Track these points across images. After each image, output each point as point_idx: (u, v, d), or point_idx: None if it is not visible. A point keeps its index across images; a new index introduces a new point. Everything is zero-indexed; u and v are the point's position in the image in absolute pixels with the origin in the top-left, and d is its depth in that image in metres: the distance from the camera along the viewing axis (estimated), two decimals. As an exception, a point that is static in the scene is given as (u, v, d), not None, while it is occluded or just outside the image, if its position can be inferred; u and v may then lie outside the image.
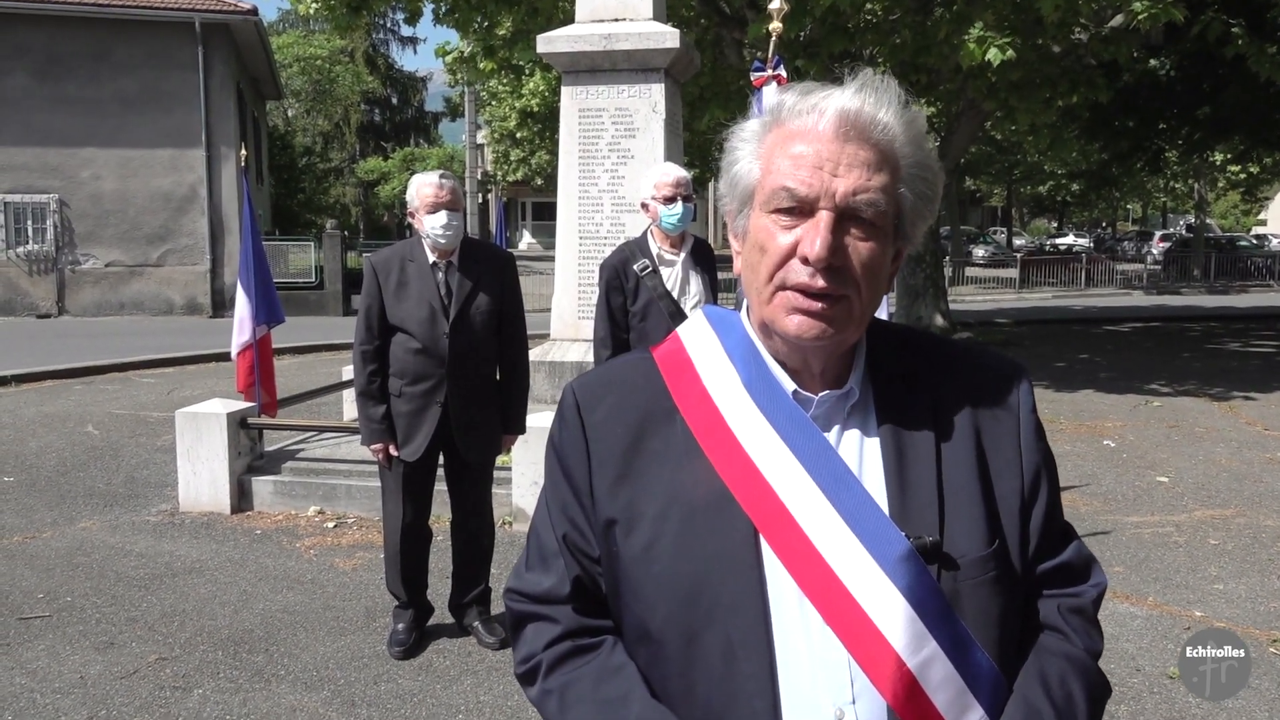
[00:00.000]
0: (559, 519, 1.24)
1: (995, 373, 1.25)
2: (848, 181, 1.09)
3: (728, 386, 1.20)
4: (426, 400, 4.12)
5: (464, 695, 3.88)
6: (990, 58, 9.69)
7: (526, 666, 1.24)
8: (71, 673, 4.06)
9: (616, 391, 1.24)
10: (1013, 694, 1.15)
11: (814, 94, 1.13)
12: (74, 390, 11.40)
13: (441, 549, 4.69)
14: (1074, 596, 1.25)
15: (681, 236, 4.41)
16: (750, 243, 1.16)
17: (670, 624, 1.14)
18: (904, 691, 1.08)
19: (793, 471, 1.14)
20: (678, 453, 1.18)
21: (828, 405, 1.18)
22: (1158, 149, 21.64)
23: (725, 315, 1.28)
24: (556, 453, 1.26)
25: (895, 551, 1.10)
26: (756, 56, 4.68)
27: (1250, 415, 9.80)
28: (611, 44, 7.10)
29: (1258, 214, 59.26)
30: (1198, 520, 6.20)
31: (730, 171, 1.19)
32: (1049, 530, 1.23)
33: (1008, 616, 1.16)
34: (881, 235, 1.12)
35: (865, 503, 1.13)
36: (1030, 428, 1.23)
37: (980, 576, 1.13)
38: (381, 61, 50.12)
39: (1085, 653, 1.22)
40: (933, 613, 1.10)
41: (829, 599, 1.10)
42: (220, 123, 20.98)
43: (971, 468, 1.18)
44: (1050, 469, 1.25)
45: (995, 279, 30.41)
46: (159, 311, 20.96)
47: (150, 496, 6.78)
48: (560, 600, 1.24)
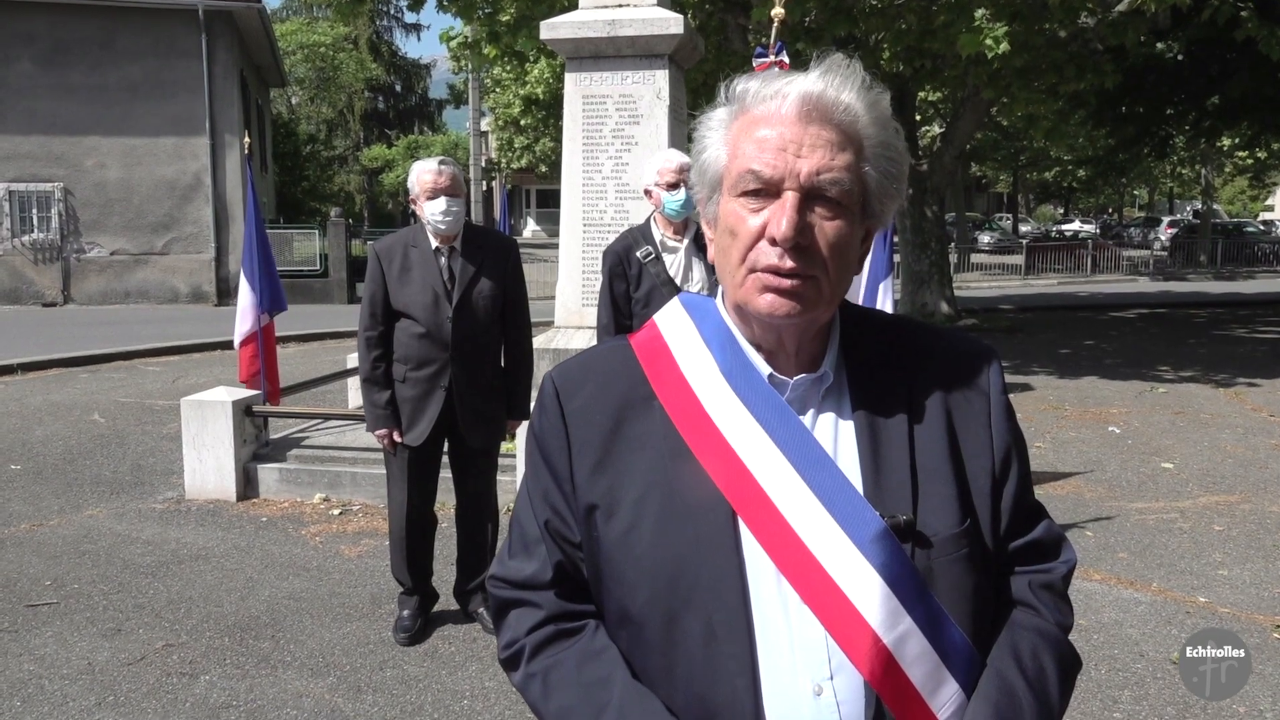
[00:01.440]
0: (540, 506, 1.26)
1: (966, 355, 1.27)
2: (811, 162, 1.11)
3: (705, 372, 1.22)
4: (431, 385, 4.13)
5: (469, 681, 3.89)
6: (988, 48, 9.63)
7: (510, 652, 1.27)
8: (79, 659, 4.09)
9: (595, 379, 1.26)
10: (986, 667, 1.18)
11: (777, 79, 1.15)
12: (80, 378, 11.43)
13: (446, 536, 4.70)
14: (1045, 573, 1.28)
15: (685, 223, 4.40)
16: (721, 228, 1.19)
17: (651, 606, 1.16)
18: (880, 667, 1.11)
19: (769, 454, 1.16)
20: (656, 439, 1.20)
21: (803, 389, 1.20)
22: (1165, 135, 21.50)
23: (701, 302, 1.30)
24: (536, 440, 1.27)
25: (870, 531, 1.13)
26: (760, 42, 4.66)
27: (1256, 401, 9.78)
28: (615, 30, 7.07)
29: (1265, 200, 58.99)
30: (1202, 506, 6.20)
31: (699, 159, 1.21)
32: (1019, 508, 1.26)
33: (980, 593, 1.19)
34: (848, 214, 1.14)
35: (840, 483, 1.15)
36: (1000, 408, 1.26)
37: (953, 554, 1.16)
38: (385, 48, 49.99)
39: (1056, 626, 1.25)
40: (907, 590, 1.13)
41: (806, 578, 1.12)
42: (224, 111, 20.96)
43: (943, 448, 1.20)
44: (1020, 449, 1.27)
45: (1001, 265, 30.35)
46: (164, 300, 20.99)
47: (156, 484, 6.80)
48: (542, 586, 1.26)
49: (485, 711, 3.65)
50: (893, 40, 11.79)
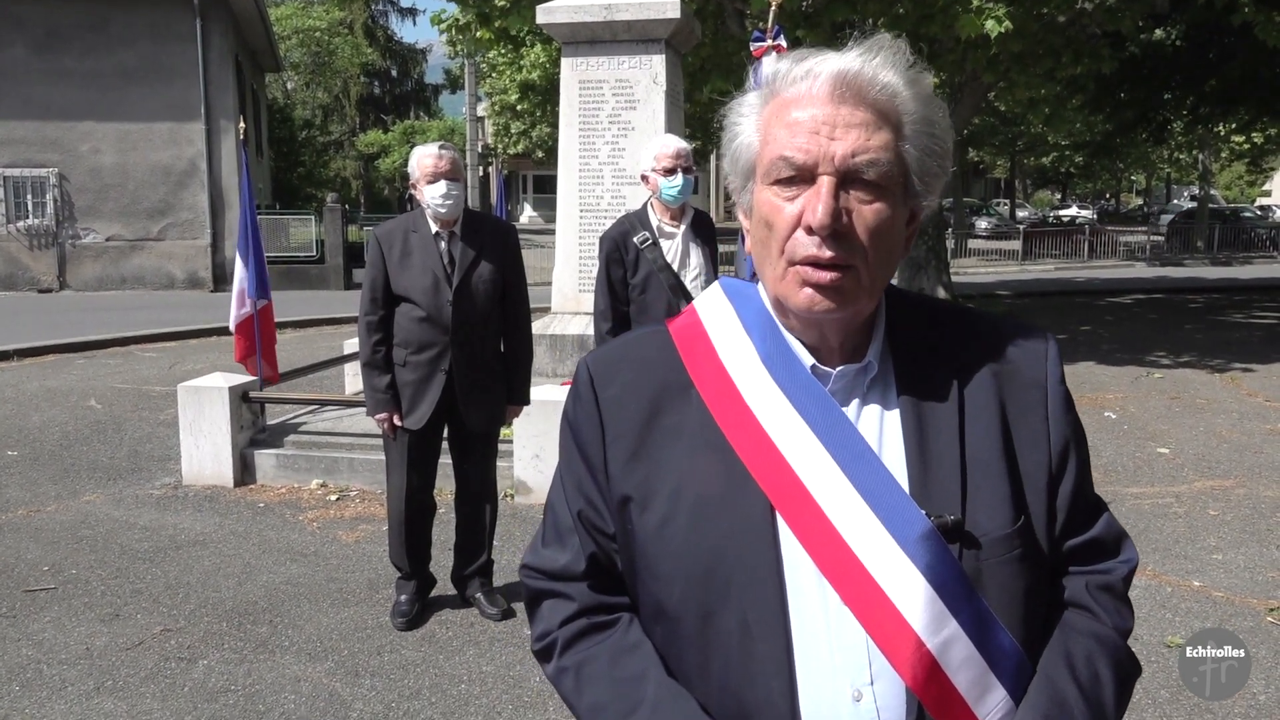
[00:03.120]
0: (574, 495, 1.23)
1: (1021, 343, 1.21)
2: (846, 143, 1.06)
3: (744, 361, 1.17)
4: (432, 368, 4.14)
5: (466, 665, 3.91)
6: (989, 29, 9.62)
7: (543, 644, 1.24)
8: (78, 644, 4.10)
9: (631, 366, 1.22)
10: (1036, 674, 1.12)
11: (808, 59, 1.10)
12: (76, 365, 11.42)
13: (443, 521, 4.72)
14: (1103, 574, 1.21)
15: (682, 209, 4.40)
16: (757, 218, 1.13)
17: (686, 601, 1.12)
18: (924, 673, 1.06)
19: (810, 447, 1.11)
20: (693, 429, 1.15)
21: (846, 379, 1.15)
22: (1162, 120, 21.48)
23: (743, 288, 1.24)
24: (571, 428, 1.24)
25: (915, 530, 1.07)
26: (757, 27, 4.64)
27: (1251, 386, 9.80)
28: (612, 14, 7.05)
29: (1262, 185, 58.96)
30: (1197, 491, 6.22)
31: (731, 147, 1.16)
32: (1077, 505, 1.19)
33: (1032, 595, 1.13)
34: (889, 196, 1.08)
35: (884, 479, 1.10)
36: (1059, 399, 1.20)
37: (1004, 555, 1.10)
38: (380, 33, 49.74)
39: (1114, 631, 1.18)
40: (954, 593, 1.07)
41: (847, 578, 1.08)
42: (219, 96, 20.86)
43: (996, 442, 1.14)
44: (1080, 441, 1.21)
45: (998, 251, 30.31)
46: (160, 286, 20.95)
47: (153, 470, 6.80)
48: (576, 577, 1.23)
49: (482, 695, 3.66)
50: (890, 24, 11.74)
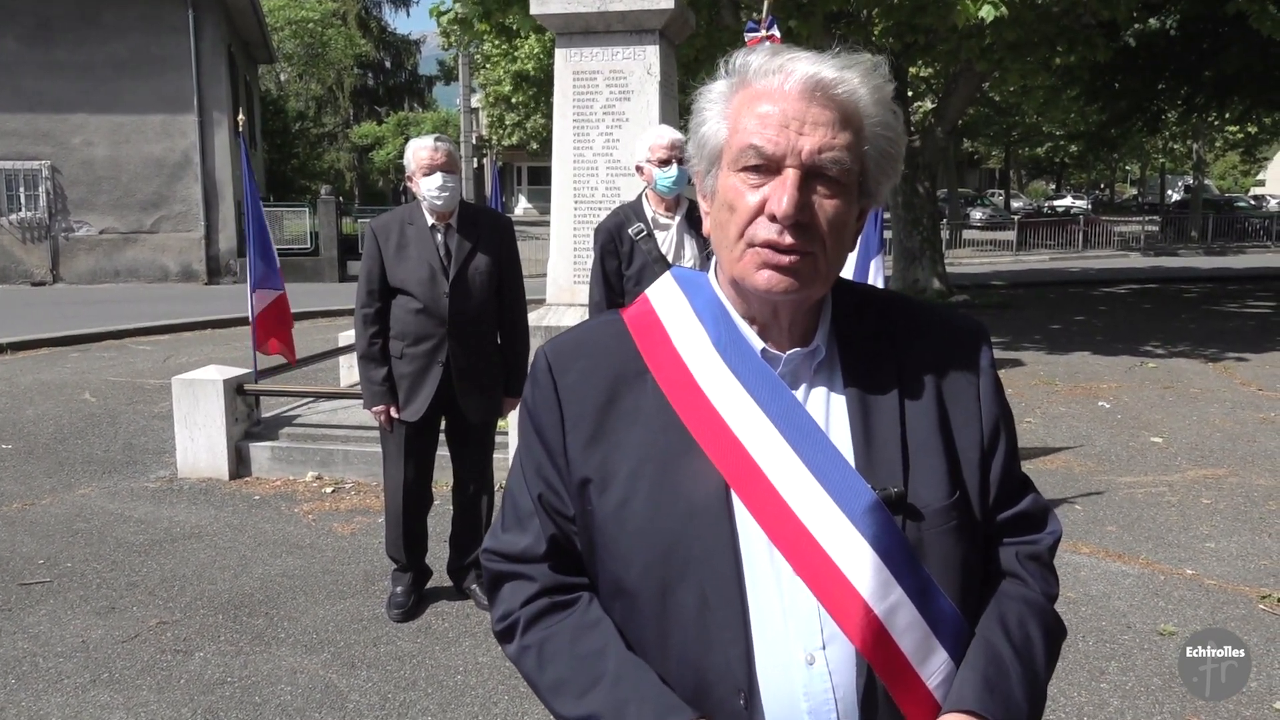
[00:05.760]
0: (534, 480, 1.27)
1: (957, 332, 1.29)
2: (813, 140, 1.12)
3: (697, 346, 1.23)
4: (428, 360, 4.14)
5: (462, 656, 3.92)
6: (984, 15, 9.62)
7: (504, 624, 1.28)
8: (73, 637, 4.10)
9: (588, 353, 1.27)
10: (974, 636, 1.20)
11: (780, 55, 1.16)
12: (70, 358, 11.39)
13: (439, 513, 4.72)
14: (1031, 544, 1.30)
15: (676, 200, 4.39)
16: (719, 202, 1.19)
17: (645, 578, 1.18)
18: (872, 636, 1.13)
19: (762, 428, 1.18)
20: (649, 412, 1.21)
21: (795, 363, 1.21)
22: (1157, 109, 21.49)
23: (693, 276, 1.30)
24: (530, 414, 1.28)
25: (862, 503, 1.14)
26: (751, 17, 4.63)
27: (1245, 376, 9.83)
28: (606, 5, 7.02)
29: (1256, 175, 59.02)
30: (1190, 480, 6.24)
31: (698, 132, 1.21)
32: (1007, 480, 1.27)
33: (969, 563, 1.21)
34: (846, 193, 1.15)
35: (832, 456, 1.17)
36: (990, 383, 1.28)
37: (943, 525, 1.18)
38: (374, 24, 49.51)
39: (1042, 596, 1.27)
40: (898, 561, 1.15)
41: (798, 549, 1.14)
42: (212, 87, 20.78)
43: (934, 422, 1.22)
44: (1008, 423, 1.29)
45: (992, 241, 30.36)
46: (154, 278, 20.88)
47: (148, 463, 6.80)
48: (536, 559, 1.27)
49: (479, 686, 3.67)
50: (884, 15, 11.73)
